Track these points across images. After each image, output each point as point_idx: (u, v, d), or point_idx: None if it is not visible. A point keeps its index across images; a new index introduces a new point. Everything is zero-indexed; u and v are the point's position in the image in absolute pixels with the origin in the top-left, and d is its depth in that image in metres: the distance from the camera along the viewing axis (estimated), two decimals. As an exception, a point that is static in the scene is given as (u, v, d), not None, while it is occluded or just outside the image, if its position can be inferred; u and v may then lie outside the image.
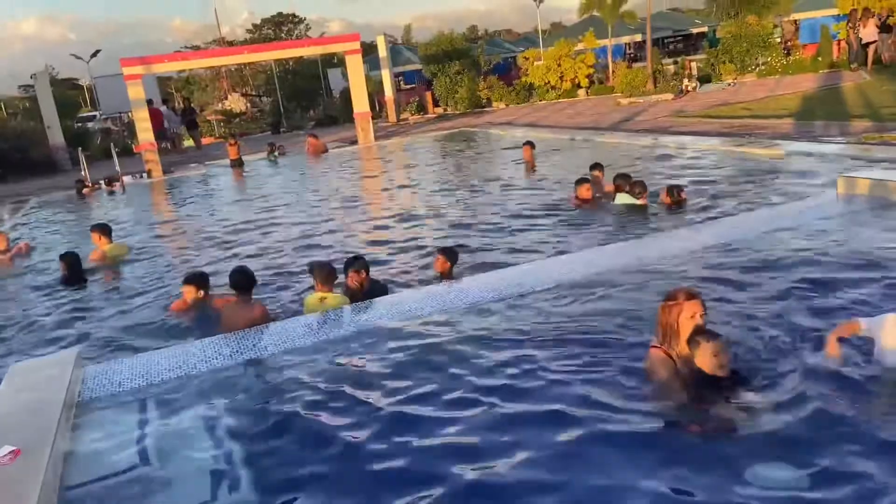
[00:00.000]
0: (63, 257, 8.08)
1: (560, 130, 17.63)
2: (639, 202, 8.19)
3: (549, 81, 28.47)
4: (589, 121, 19.17)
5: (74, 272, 7.99)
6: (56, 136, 23.37)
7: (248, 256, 8.50)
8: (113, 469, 3.59)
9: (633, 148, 13.45)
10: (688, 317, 3.62)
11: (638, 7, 28.56)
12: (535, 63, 29.23)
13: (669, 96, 22.44)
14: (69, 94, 37.86)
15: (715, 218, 7.47)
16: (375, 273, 6.38)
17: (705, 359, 3.46)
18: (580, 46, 28.66)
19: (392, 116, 27.90)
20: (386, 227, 9.50)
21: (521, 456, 3.26)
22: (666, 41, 38.19)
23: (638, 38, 33.84)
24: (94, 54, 37.70)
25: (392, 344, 4.68)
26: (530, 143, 12.62)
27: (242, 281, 5.77)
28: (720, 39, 26.38)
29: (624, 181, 8.50)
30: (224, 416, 3.97)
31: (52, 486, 3.32)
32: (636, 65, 29.35)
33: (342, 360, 4.55)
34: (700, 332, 3.56)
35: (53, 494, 3.29)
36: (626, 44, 35.12)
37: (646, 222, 7.86)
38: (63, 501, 3.30)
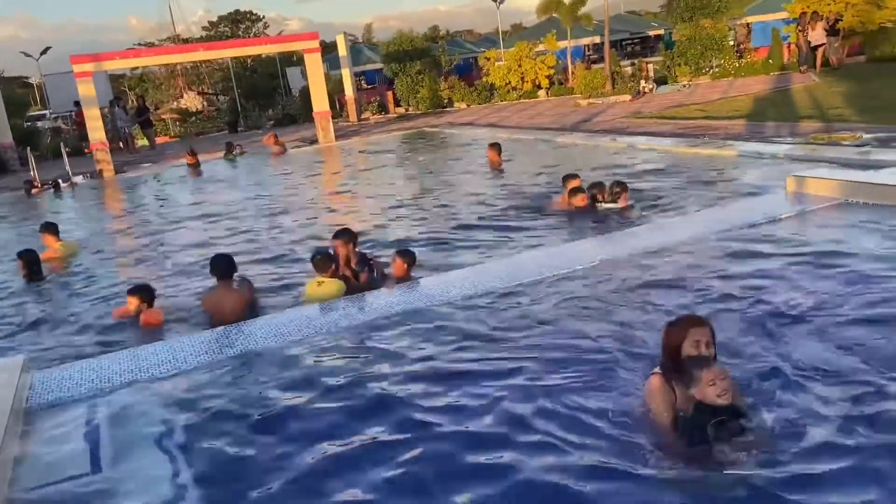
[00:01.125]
0: (21, 255, 7.95)
1: (521, 131, 17.75)
2: (619, 205, 8.09)
3: (509, 82, 28.65)
4: (549, 121, 19.34)
5: (33, 270, 7.89)
6: (4, 136, 22.65)
7: (199, 252, 8.39)
8: (62, 475, 3.50)
9: (591, 148, 13.61)
10: (692, 344, 3.34)
11: (596, 10, 28.88)
12: (496, 63, 29.37)
13: (627, 97, 22.77)
14: (18, 93, 36.68)
15: (668, 217, 7.62)
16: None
17: (702, 388, 3.15)
18: (541, 48, 28.90)
19: (353, 116, 27.75)
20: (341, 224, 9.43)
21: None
22: (624, 43, 38.79)
23: (597, 39, 34.27)
24: (45, 51, 36.59)
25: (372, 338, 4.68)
26: (496, 145, 12.62)
27: (222, 266, 5.96)
28: (676, 42, 26.88)
29: (598, 189, 8.29)
30: (176, 422, 3.90)
31: (1, 493, 3.22)
32: (595, 66, 29.73)
33: (307, 360, 4.51)
34: (697, 359, 3.27)
35: (2, 500, 3.19)
36: (585, 45, 35.53)
37: (604, 224, 7.90)
38: (9, 510, 3.20)
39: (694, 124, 14.59)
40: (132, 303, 6.07)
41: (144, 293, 6.12)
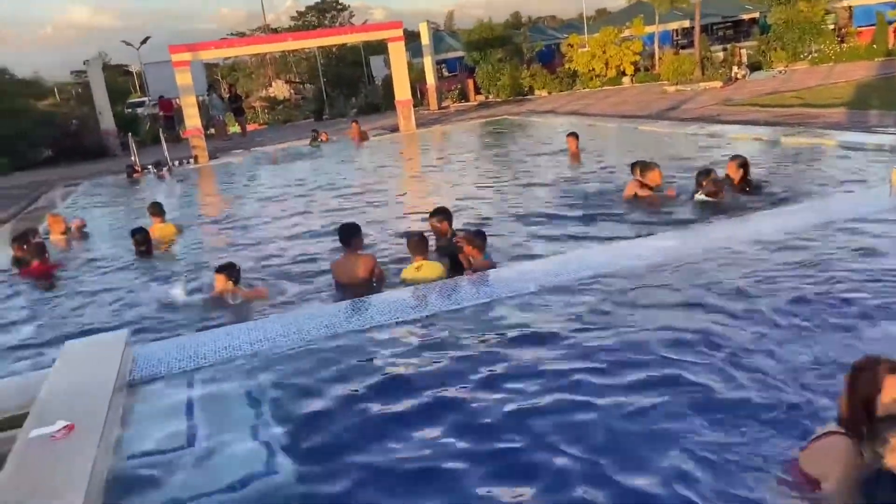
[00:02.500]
0: (134, 233, 8.48)
1: (605, 119, 17.40)
2: (712, 199, 7.70)
3: (593, 69, 28.09)
4: (634, 109, 18.88)
5: (145, 247, 8.38)
6: (107, 122, 23.99)
7: (286, 239, 8.68)
8: (160, 447, 3.70)
9: (679, 137, 13.21)
10: (891, 397, 2.61)
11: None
12: (580, 50, 28.86)
13: (718, 84, 21.95)
14: (120, 81, 38.70)
15: (761, 211, 7.30)
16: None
17: None
18: (627, 33, 28.18)
19: (433, 104, 27.89)
20: (423, 212, 9.52)
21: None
22: (715, 27, 37.27)
23: (686, 24, 33.08)
24: (144, 41, 38.49)
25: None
26: (574, 134, 12.46)
27: (346, 234, 6.25)
28: (771, 26, 25.66)
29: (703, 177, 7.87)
30: (270, 397, 4.06)
31: (104, 462, 3.44)
32: (684, 52, 28.76)
33: (374, 348, 4.61)
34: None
35: (104, 469, 3.41)
36: (673, 30, 34.39)
37: (694, 217, 7.64)
38: (113, 476, 3.42)
39: (790, 112, 13.93)
40: (219, 280, 6.31)
41: (230, 271, 6.35)
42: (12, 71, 23.83)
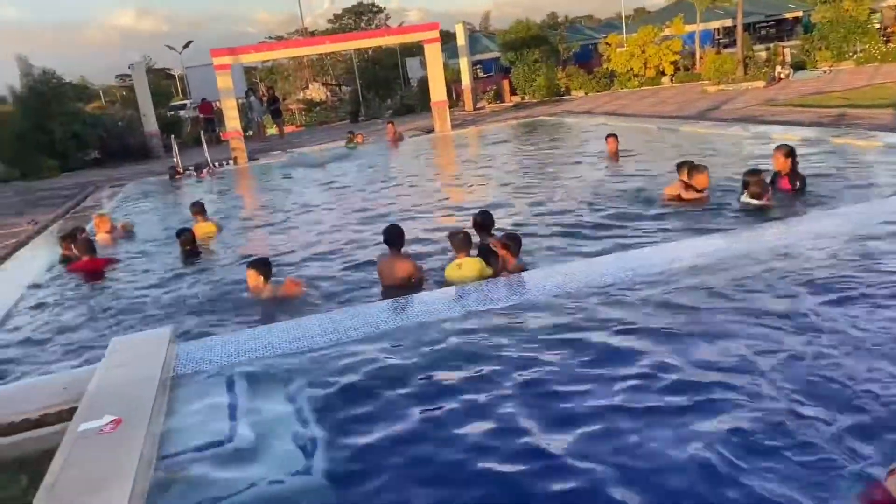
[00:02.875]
0: (179, 233, 8.68)
1: (643, 119, 17.20)
2: (761, 203, 7.48)
3: (631, 69, 27.80)
4: (674, 109, 18.63)
5: (190, 247, 8.59)
6: (151, 124, 24.55)
7: (324, 237, 8.77)
8: (204, 441, 3.77)
9: (721, 138, 13.00)
10: None
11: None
12: (618, 49, 28.59)
13: (761, 84, 21.54)
14: (163, 84, 39.55)
15: (809, 214, 7.13)
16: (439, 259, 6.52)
17: None
18: (666, 32, 27.83)
19: (469, 105, 27.89)
20: (460, 212, 9.54)
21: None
22: (758, 26, 36.62)
23: (728, 23, 32.61)
24: (187, 45, 39.34)
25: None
26: (614, 135, 12.37)
27: (392, 235, 6.36)
28: (816, 25, 25.09)
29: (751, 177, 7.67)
30: (309, 395, 4.11)
31: (149, 456, 3.52)
32: (726, 51, 28.30)
33: (409, 347, 4.63)
34: None
35: (150, 463, 3.49)
36: (714, 29, 33.89)
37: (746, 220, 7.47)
38: (158, 470, 3.49)
39: (835, 113, 13.60)
40: (251, 276, 6.39)
41: (261, 266, 6.43)
42: (60, 75, 24.43)
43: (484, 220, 6.72)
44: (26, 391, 4.76)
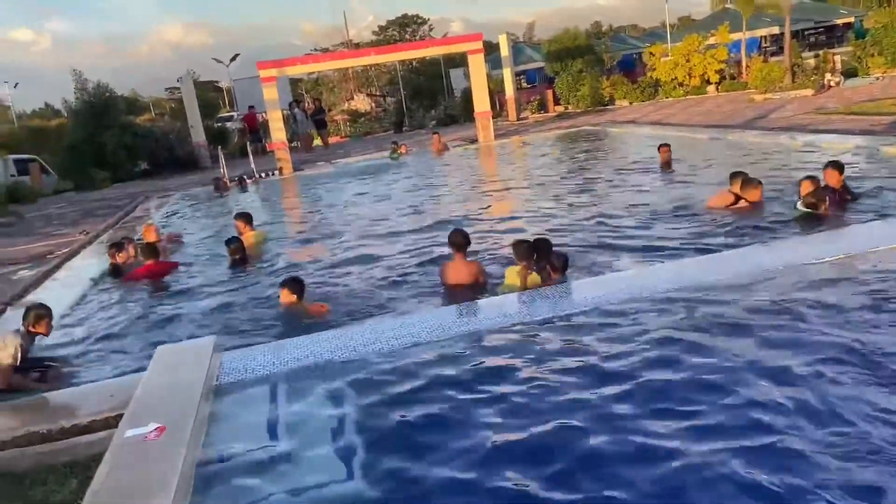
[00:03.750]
0: (228, 242, 8.84)
1: (688, 129, 16.93)
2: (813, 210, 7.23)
3: (675, 77, 27.43)
4: (720, 118, 18.29)
5: (240, 255, 8.73)
6: (198, 135, 25.15)
7: (369, 246, 8.83)
8: (246, 449, 3.82)
9: (769, 146, 12.72)
10: None
11: (776, -3, 26.87)
12: (662, 59, 28.25)
13: (809, 92, 21.02)
14: (210, 96, 40.51)
15: (866, 223, 6.89)
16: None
17: None
18: (712, 41, 27.39)
19: (512, 115, 27.87)
20: (505, 222, 9.52)
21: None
22: (806, 33, 35.79)
23: (775, 30, 31.95)
24: (234, 58, 40.16)
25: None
26: (667, 145, 12.22)
27: (459, 239, 6.44)
28: (868, 30, 24.39)
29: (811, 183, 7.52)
30: (350, 404, 4.13)
31: (192, 462, 3.58)
32: (773, 59, 27.71)
33: (469, 354, 4.62)
34: None
35: (193, 469, 3.55)
36: (761, 37, 33.22)
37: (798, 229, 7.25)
38: (201, 477, 3.54)
39: (888, 121, 13.17)
40: (284, 294, 6.40)
41: (294, 285, 6.42)
42: (112, 88, 25.23)
43: (542, 245, 6.55)
44: (76, 397, 4.91)
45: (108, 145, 23.52)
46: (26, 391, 5.28)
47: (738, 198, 8.04)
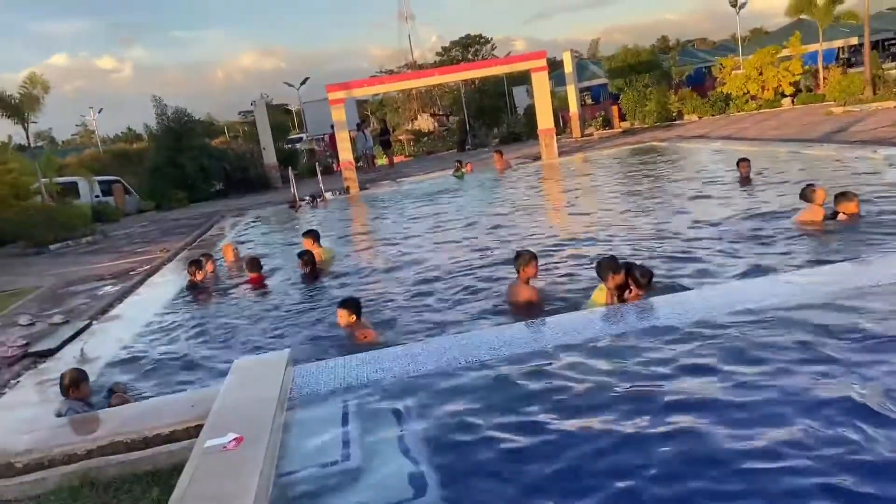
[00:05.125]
0: (301, 255, 9.08)
1: (762, 143, 16.42)
2: None
3: (748, 91, 26.70)
4: (796, 132, 17.67)
5: (312, 269, 8.95)
6: (270, 157, 25.96)
7: (435, 263, 8.88)
8: (318, 461, 3.89)
9: (851, 161, 12.21)
10: None
11: (853, 8, 25.95)
12: (733, 72, 27.56)
13: (892, 104, 20.10)
14: (281, 119, 41.73)
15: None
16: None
17: None
18: (785, 52, 26.57)
19: (576, 132, 27.67)
20: (577, 240, 9.42)
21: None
22: (887, 44, 34.32)
23: (853, 41, 30.77)
24: (304, 82, 41.18)
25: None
26: (746, 160, 11.90)
27: (520, 262, 6.48)
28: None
29: None
30: (423, 420, 4.16)
31: (269, 473, 3.66)
32: (851, 70, 26.66)
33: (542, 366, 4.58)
34: None
35: (269, 480, 3.62)
36: (839, 48, 32.03)
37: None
38: (277, 487, 3.62)
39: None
40: (341, 315, 6.37)
41: (352, 306, 6.39)
42: (190, 112, 26.36)
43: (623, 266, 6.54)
44: (158, 408, 5.09)
45: (187, 167, 24.54)
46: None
47: (835, 213, 7.81)
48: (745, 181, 11.69)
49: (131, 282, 10.54)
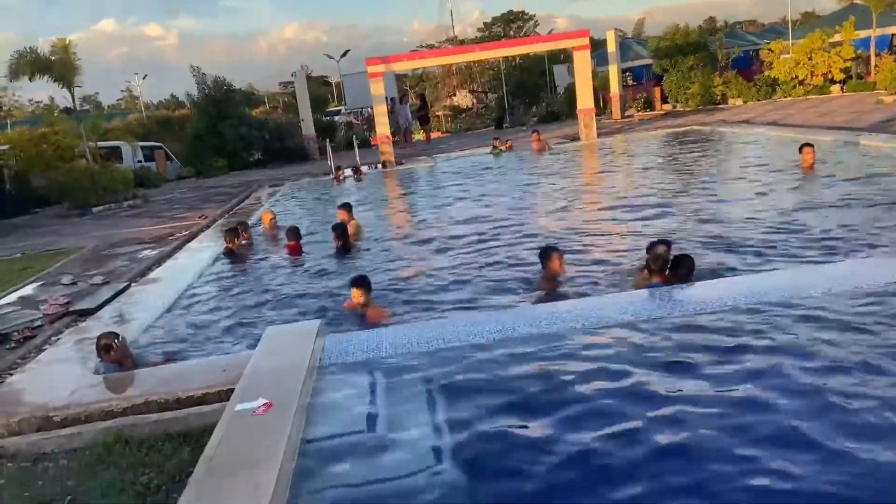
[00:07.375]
0: (334, 228, 9.13)
1: (809, 130, 15.95)
2: None
3: (796, 76, 25.94)
4: (845, 120, 17.15)
5: (345, 242, 9.01)
6: (308, 128, 26.13)
7: (468, 240, 8.88)
8: (344, 429, 3.95)
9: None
10: None
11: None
12: (782, 56, 26.78)
13: (948, 93, 19.37)
14: (320, 91, 41.80)
15: None
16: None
17: None
18: (836, 38, 25.71)
19: (616, 113, 27.24)
20: (624, 222, 9.33)
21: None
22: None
23: (910, 27, 29.60)
24: (344, 54, 41.12)
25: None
26: (810, 146, 11.35)
27: (543, 258, 6.42)
28: None
29: None
30: (444, 393, 4.20)
31: (296, 439, 3.74)
32: (905, 57, 25.68)
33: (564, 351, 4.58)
34: None
35: (296, 445, 3.70)
36: (892, 35, 30.85)
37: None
38: (303, 453, 3.69)
39: None
40: (355, 294, 6.24)
41: (366, 285, 6.26)
42: (230, 82, 26.60)
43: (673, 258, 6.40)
44: (191, 371, 5.23)
45: (227, 135, 24.84)
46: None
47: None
48: (808, 168, 11.19)
49: (170, 246, 10.76)
